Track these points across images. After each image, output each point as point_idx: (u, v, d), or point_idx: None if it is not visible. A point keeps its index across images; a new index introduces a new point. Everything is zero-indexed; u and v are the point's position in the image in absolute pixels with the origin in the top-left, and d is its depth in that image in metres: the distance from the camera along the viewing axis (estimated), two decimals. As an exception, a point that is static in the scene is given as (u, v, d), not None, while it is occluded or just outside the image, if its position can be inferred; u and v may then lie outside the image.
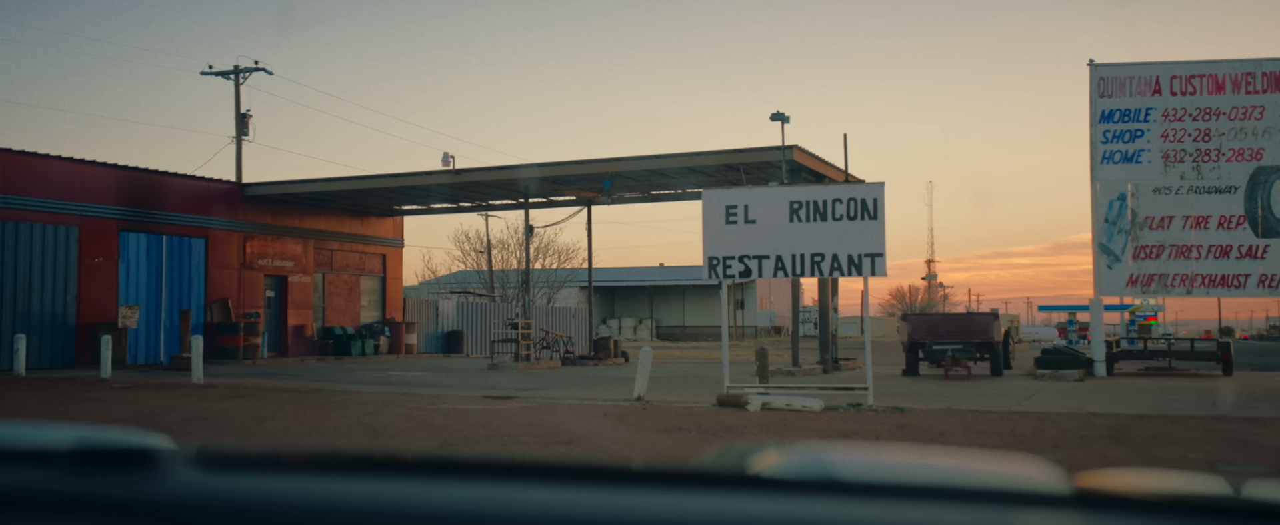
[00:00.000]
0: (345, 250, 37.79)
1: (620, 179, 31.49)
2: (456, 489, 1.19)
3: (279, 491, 1.19)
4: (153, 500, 1.14)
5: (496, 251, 70.77)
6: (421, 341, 40.11)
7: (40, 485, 1.17)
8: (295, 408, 16.79)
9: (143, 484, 1.17)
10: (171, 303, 30.95)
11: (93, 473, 1.18)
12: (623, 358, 34.74)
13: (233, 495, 1.17)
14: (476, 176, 32.02)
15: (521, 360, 30.30)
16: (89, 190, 28.65)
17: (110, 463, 1.20)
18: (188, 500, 1.15)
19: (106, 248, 29.06)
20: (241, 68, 42.55)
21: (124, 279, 29.61)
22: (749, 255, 18.34)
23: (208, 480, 1.19)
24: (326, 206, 36.25)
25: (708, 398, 18.86)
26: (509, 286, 68.90)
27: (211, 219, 32.43)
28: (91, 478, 1.18)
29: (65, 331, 27.76)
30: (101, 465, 1.19)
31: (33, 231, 27.14)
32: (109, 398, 18.43)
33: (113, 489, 1.16)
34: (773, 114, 26.26)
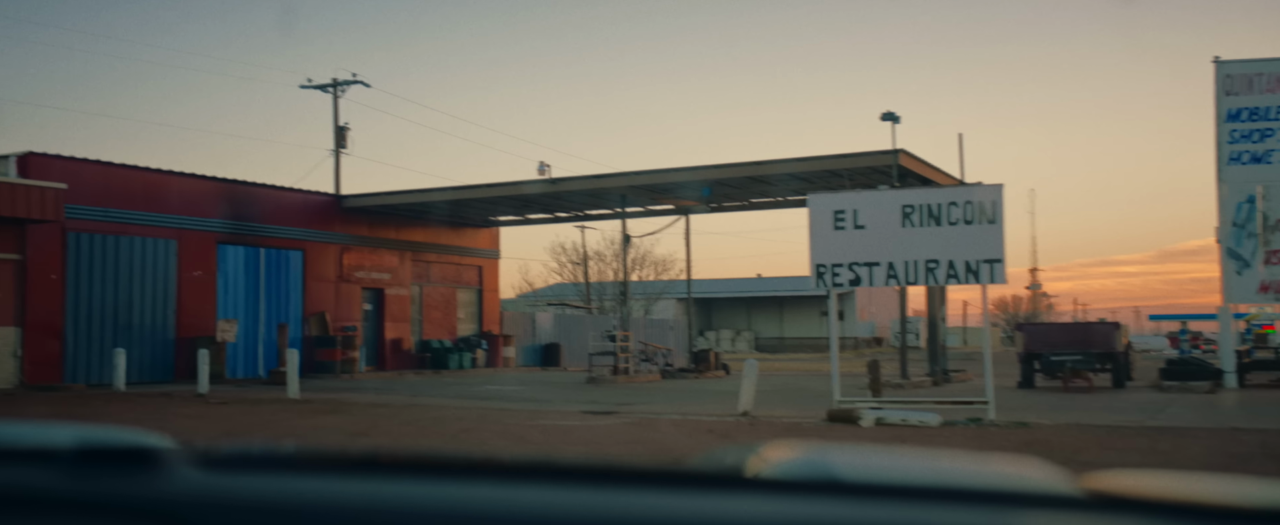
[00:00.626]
0: (442, 262, 37.51)
1: (719, 187, 30.73)
2: (457, 489, 1.17)
3: (280, 491, 1.18)
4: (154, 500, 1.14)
5: (593, 263, 70.39)
6: (518, 354, 39.69)
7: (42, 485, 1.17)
8: (390, 424, 16.29)
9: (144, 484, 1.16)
10: (269, 316, 30.85)
11: (94, 472, 1.18)
12: (723, 370, 33.95)
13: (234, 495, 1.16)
14: (572, 186, 31.47)
15: (620, 373, 29.65)
16: (188, 203, 28.64)
17: (112, 462, 1.19)
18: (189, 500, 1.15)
19: (205, 261, 29.02)
20: (339, 81, 42.62)
21: (222, 292, 29.55)
22: (858, 262, 17.47)
23: (209, 480, 1.19)
24: (423, 218, 36.01)
25: (816, 412, 18.02)
26: (605, 298, 68.42)
27: (309, 231, 32.31)
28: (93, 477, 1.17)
29: (165, 345, 27.72)
30: (103, 465, 1.19)
31: (133, 245, 27.16)
32: (203, 413, 18.12)
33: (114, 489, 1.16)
34: (883, 114, 25.31)
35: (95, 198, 26.13)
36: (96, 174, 26.41)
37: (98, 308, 26.25)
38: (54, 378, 24.86)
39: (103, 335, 26.19)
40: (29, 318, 24.66)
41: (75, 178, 25.30)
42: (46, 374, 24.77)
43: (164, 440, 1.27)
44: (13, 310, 24.44)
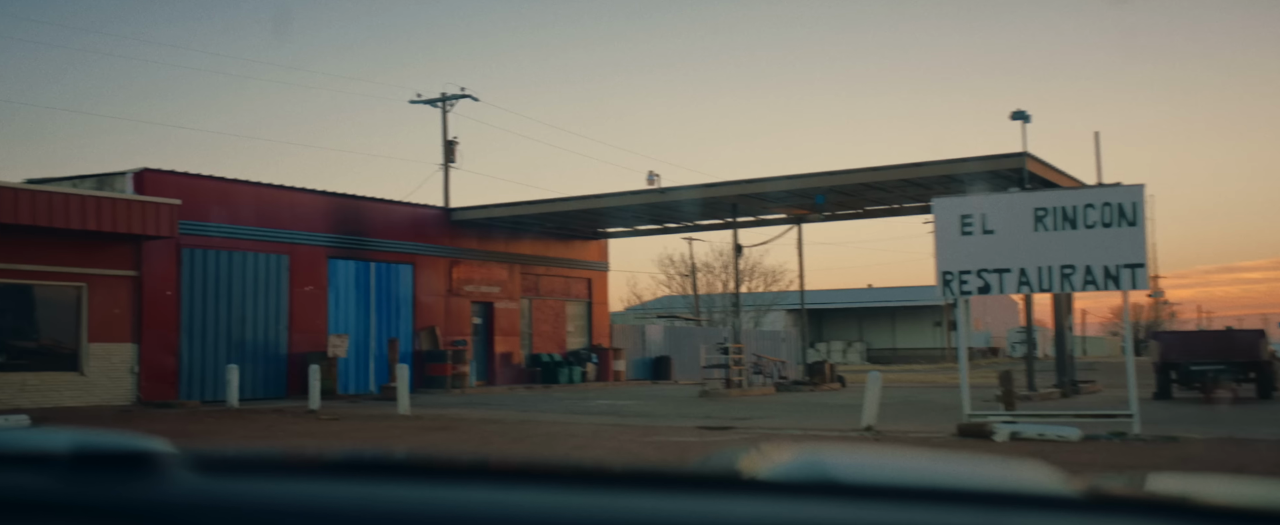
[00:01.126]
0: (551, 275, 37.18)
1: (833, 194, 29.87)
2: (455, 491, 1.18)
3: (277, 494, 1.17)
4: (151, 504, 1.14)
5: (701, 275, 69.75)
6: (629, 367, 39.18)
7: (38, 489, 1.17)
8: (502, 441, 15.85)
9: (141, 487, 1.16)
10: (380, 330, 30.74)
11: (91, 476, 1.18)
12: (839, 383, 33.05)
13: (231, 498, 1.16)
14: (682, 195, 30.88)
15: (733, 386, 28.95)
16: (300, 218, 28.66)
17: (108, 466, 1.19)
18: (186, 504, 1.15)
19: (317, 276, 29.01)
20: (448, 95, 42.63)
21: (334, 307, 29.51)
22: (987, 269, 16.58)
23: (206, 483, 1.18)
24: (531, 230, 35.72)
25: (944, 427, 17.17)
26: (714, 310, 67.71)
27: (419, 245, 32.18)
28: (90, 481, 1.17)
29: (277, 361, 27.72)
30: (100, 469, 1.18)
31: (246, 260, 27.22)
32: (313, 431, 17.87)
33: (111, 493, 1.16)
34: (1013, 113, 24.23)
35: (209, 213, 26.23)
36: (210, 189, 26.52)
37: (211, 324, 26.32)
38: (169, 394, 24.95)
39: (216, 351, 26.25)
40: (145, 334, 24.80)
41: (189, 193, 25.42)
42: (162, 391, 24.87)
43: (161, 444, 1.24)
44: (129, 326, 24.59)
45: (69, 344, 23.81)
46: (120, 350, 24.37)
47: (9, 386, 22.45)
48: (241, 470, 1.27)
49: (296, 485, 1.22)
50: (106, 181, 25.09)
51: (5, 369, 22.65)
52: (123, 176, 25.03)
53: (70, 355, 23.76)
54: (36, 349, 23.58)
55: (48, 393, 22.97)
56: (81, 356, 23.79)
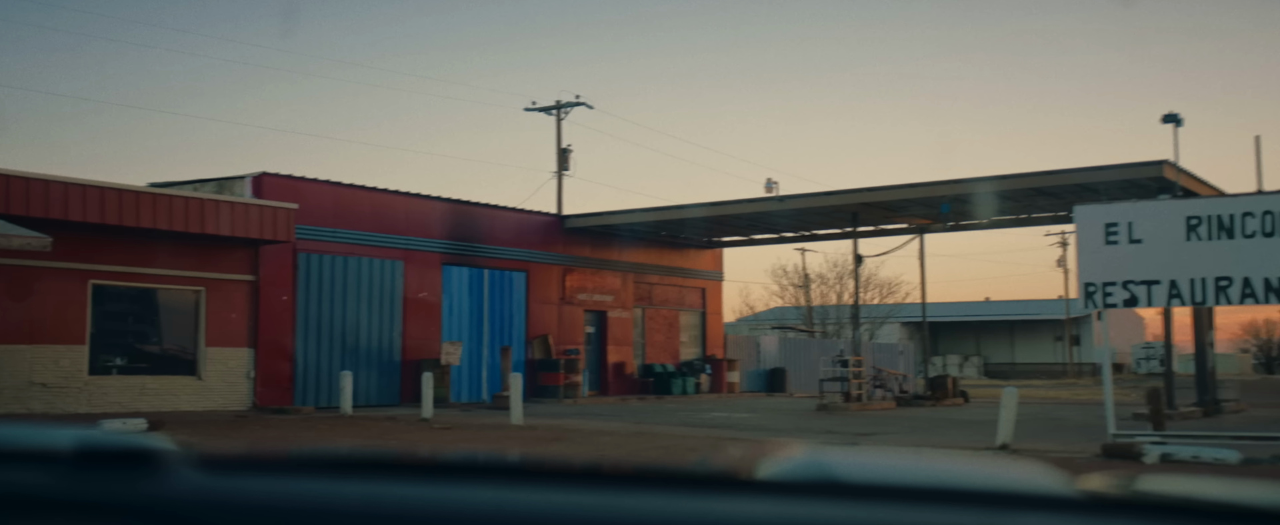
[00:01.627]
0: (664, 284, 36.62)
1: (959, 203, 28.85)
2: (456, 490, 1.18)
3: (279, 492, 1.17)
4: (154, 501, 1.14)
5: (815, 285, 68.70)
6: (742, 379, 38.41)
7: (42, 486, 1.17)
8: (617, 454, 15.28)
9: (144, 485, 1.16)
10: (493, 338, 30.47)
11: (95, 474, 1.18)
12: (962, 397, 31.94)
13: (234, 496, 1.16)
14: (801, 203, 30.08)
15: (853, 400, 28.06)
16: (414, 223, 28.51)
17: (112, 464, 1.19)
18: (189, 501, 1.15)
19: (431, 282, 28.83)
20: (562, 103, 42.45)
21: (447, 314, 29.30)
22: (1134, 281, 15.59)
23: (209, 481, 1.18)
24: (645, 238, 35.21)
25: (1085, 446, 16.20)
26: (828, 322, 66.58)
27: (532, 252, 31.87)
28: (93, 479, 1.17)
29: (391, 368, 27.57)
30: (103, 466, 1.19)
31: (361, 265, 27.12)
32: (425, 440, 17.51)
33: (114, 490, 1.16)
34: (1164, 116, 22.95)
35: (324, 218, 26.18)
36: (325, 194, 26.48)
37: (326, 329, 26.25)
38: (284, 400, 24.90)
39: (330, 357, 26.17)
40: (261, 339, 24.80)
41: (305, 198, 25.40)
42: (277, 396, 24.83)
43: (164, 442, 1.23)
44: (246, 331, 24.61)
45: (187, 348, 23.90)
46: (237, 355, 24.39)
47: (128, 390, 22.57)
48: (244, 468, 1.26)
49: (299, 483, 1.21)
50: (226, 186, 25.18)
51: (125, 372, 22.78)
52: (241, 180, 25.09)
53: (188, 359, 23.84)
54: (156, 353, 23.70)
55: (166, 397, 23.05)
56: (199, 361, 23.85)
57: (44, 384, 21.36)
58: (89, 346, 22.13)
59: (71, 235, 20.70)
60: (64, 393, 21.60)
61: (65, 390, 21.62)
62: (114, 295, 22.94)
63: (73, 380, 21.76)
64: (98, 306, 22.45)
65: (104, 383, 22.25)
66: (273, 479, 1.24)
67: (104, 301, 22.66)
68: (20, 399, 20.97)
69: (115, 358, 22.77)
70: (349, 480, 1.21)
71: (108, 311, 22.82)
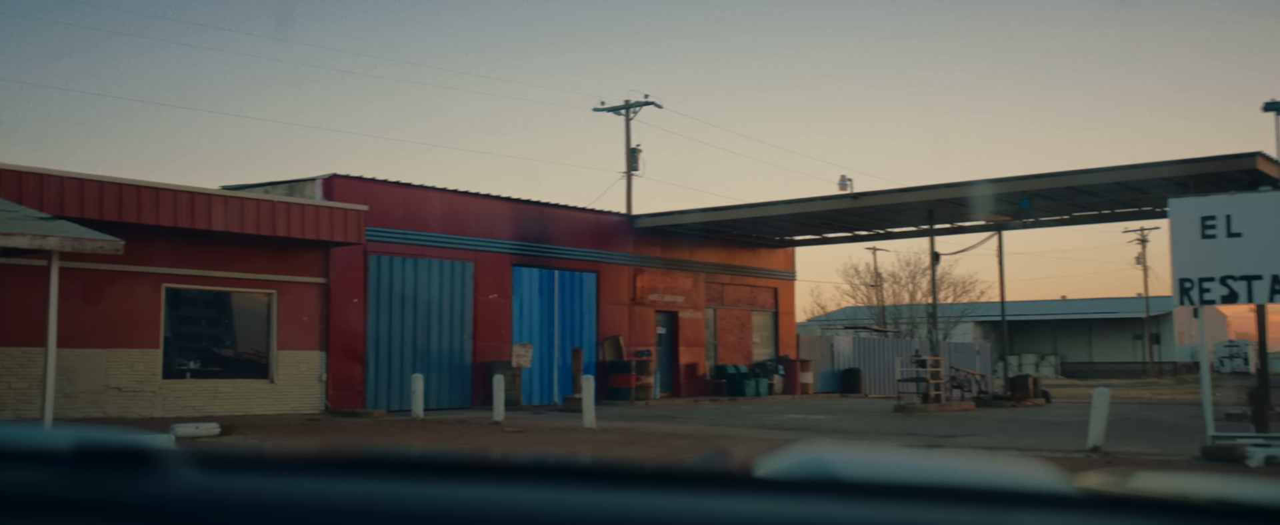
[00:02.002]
0: (736, 284, 36.14)
1: (1039, 199, 28.09)
2: (456, 489, 1.17)
3: (279, 491, 1.17)
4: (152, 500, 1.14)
5: (887, 285, 67.85)
6: (816, 380, 37.82)
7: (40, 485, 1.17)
8: (693, 458, 14.88)
9: (142, 484, 1.16)
10: (563, 340, 30.19)
11: (92, 473, 1.18)
12: (1043, 398, 31.21)
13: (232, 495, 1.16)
14: (876, 201, 29.49)
15: (931, 401, 27.43)
16: (484, 225, 28.31)
17: (110, 463, 1.19)
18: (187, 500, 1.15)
19: (501, 283, 28.61)
20: (631, 103, 42.17)
21: (517, 316, 29.07)
22: (1234, 276, 14.89)
23: (207, 480, 1.18)
24: (716, 238, 34.77)
25: (1180, 448, 15.55)
26: (901, 321, 65.72)
27: (602, 253, 31.56)
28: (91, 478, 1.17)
29: (462, 370, 27.38)
30: (101, 465, 1.19)
31: (431, 267, 26.97)
32: (497, 444, 17.23)
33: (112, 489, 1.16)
34: (1266, 104, 22.07)
35: (394, 220, 26.06)
36: (395, 196, 26.35)
37: (396, 332, 26.12)
38: (356, 403, 24.80)
39: (402, 360, 26.03)
40: (332, 342, 24.71)
41: (375, 200, 25.30)
42: (349, 399, 24.73)
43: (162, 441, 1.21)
44: (318, 334, 24.53)
45: (259, 351, 23.87)
46: (308, 358, 24.32)
47: (202, 393, 22.57)
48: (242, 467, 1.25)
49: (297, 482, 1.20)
50: (296, 188, 25.14)
51: (198, 376, 22.78)
52: (312, 182, 25.03)
53: (261, 363, 23.80)
54: (229, 356, 23.69)
55: (239, 400, 23.03)
56: (271, 364, 23.81)
57: (119, 388, 21.41)
58: (163, 350, 22.16)
59: (145, 239, 20.71)
60: (138, 396, 21.63)
61: (140, 394, 21.65)
62: (187, 299, 22.96)
63: (147, 384, 21.79)
64: (171, 310, 22.48)
65: (178, 386, 22.27)
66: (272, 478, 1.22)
67: (177, 305, 22.69)
68: (96, 403, 21.03)
69: (189, 361, 22.78)
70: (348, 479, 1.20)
71: (181, 315, 22.85)
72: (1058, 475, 1.17)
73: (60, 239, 16.31)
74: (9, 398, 19.93)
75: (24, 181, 19.50)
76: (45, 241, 16.12)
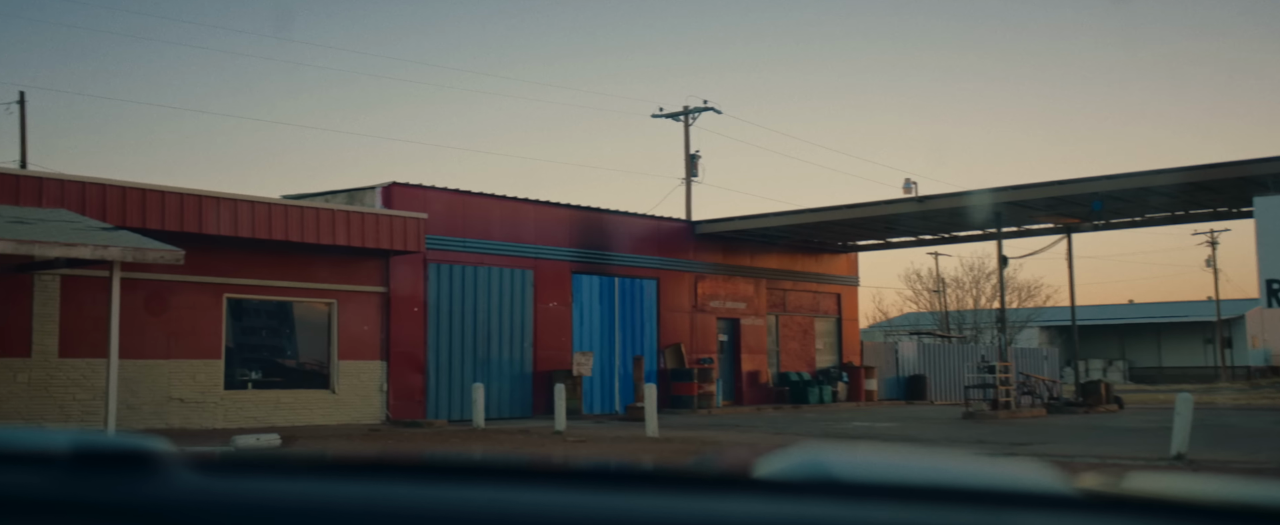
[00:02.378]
0: (798, 290, 35.66)
1: (1110, 200, 27.39)
2: (456, 490, 1.18)
3: (278, 493, 1.18)
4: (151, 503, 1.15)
5: (950, 290, 66.96)
6: (880, 387, 37.22)
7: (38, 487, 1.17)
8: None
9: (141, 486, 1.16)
10: (624, 348, 29.88)
11: (91, 475, 1.18)
12: (1116, 404, 30.45)
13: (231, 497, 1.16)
14: (942, 204, 28.93)
15: (1001, 407, 26.81)
16: (543, 232, 28.09)
17: (108, 465, 1.19)
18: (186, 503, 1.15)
19: (561, 291, 28.37)
20: (691, 108, 41.90)
21: (578, 324, 28.81)
22: (1324, 277, 14.30)
23: (206, 482, 1.18)
24: (777, 244, 34.34)
25: (1271, 455, 14.96)
26: (965, 327, 64.81)
27: (662, 259, 31.22)
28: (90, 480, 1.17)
29: (522, 379, 27.16)
30: (100, 468, 1.18)
31: (490, 275, 26.78)
32: (560, 454, 16.94)
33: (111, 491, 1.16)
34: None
35: (454, 227, 25.91)
36: (455, 203, 26.20)
37: (457, 340, 25.95)
38: (417, 413, 24.65)
39: (461, 369, 25.85)
40: (393, 351, 24.58)
41: (435, 207, 25.16)
42: (409, 409, 24.59)
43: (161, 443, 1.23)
44: (378, 344, 24.41)
45: (320, 361, 23.78)
46: (369, 368, 24.20)
47: (263, 404, 22.50)
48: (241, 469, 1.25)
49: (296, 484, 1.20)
50: (356, 196, 25.06)
51: (260, 386, 22.72)
52: (371, 191, 24.94)
53: (322, 373, 23.71)
54: (290, 367, 23.62)
55: (300, 410, 22.94)
56: (332, 374, 23.71)
57: (181, 399, 21.39)
58: (224, 361, 22.12)
59: (206, 248, 20.70)
60: (201, 407, 21.60)
61: (202, 405, 21.62)
62: (248, 309, 22.93)
63: (209, 395, 21.75)
64: (233, 320, 22.46)
65: (239, 397, 22.22)
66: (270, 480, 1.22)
67: (238, 315, 22.66)
68: (159, 414, 21.01)
69: (250, 372, 22.73)
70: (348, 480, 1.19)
71: (242, 325, 22.82)
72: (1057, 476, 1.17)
73: (121, 249, 16.28)
74: (73, 409, 19.97)
75: (86, 192, 19.53)
76: (107, 252, 16.08)
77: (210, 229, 20.70)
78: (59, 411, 19.83)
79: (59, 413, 19.82)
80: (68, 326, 19.95)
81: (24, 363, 19.62)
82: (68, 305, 19.98)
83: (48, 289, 19.86)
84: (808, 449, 1.22)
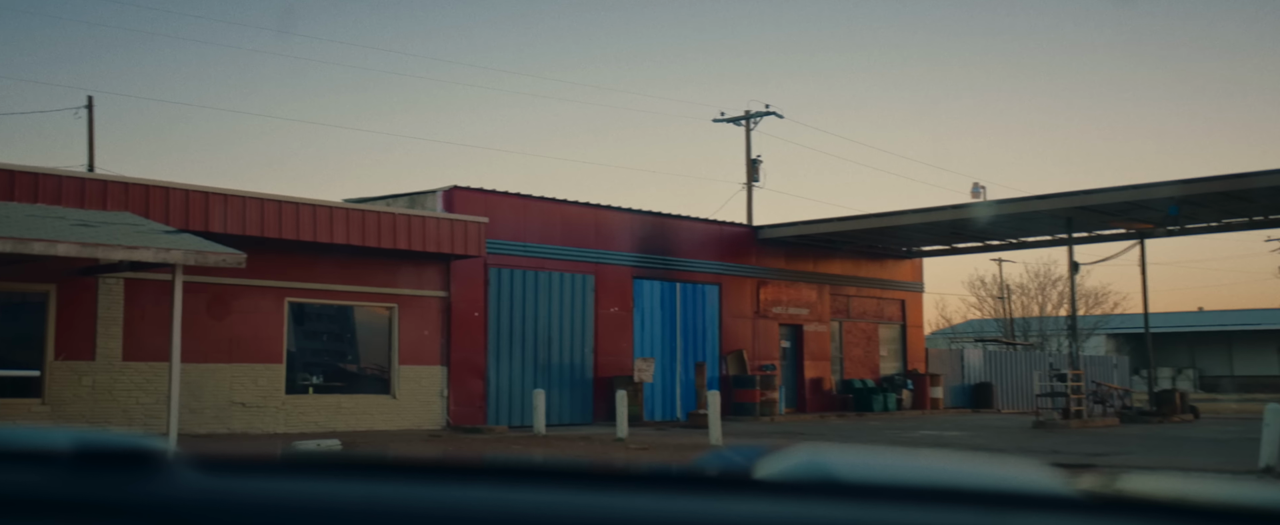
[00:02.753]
0: (862, 296, 35.12)
1: (1186, 205, 26.65)
2: (456, 490, 1.17)
3: (278, 492, 1.17)
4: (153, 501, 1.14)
5: (1015, 297, 65.95)
6: (945, 395, 36.56)
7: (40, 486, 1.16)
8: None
9: (143, 485, 1.16)
10: (686, 354, 29.53)
11: (93, 474, 1.17)
12: (1191, 413, 29.69)
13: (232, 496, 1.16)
14: (1013, 208, 28.28)
15: (1073, 417, 26.16)
16: (604, 237, 27.82)
17: (110, 464, 1.19)
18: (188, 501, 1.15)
19: (622, 297, 28.08)
20: (752, 113, 41.49)
21: (639, 329, 28.50)
22: None
23: (207, 481, 1.17)
24: (841, 249, 33.84)
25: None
26: (1030, 334, 63.79)
27: (724, 265, 30.85)
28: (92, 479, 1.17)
29: (583, 385, 26.89)
30: (101, 467, 1.18)
31: (551, 280, 26.55)
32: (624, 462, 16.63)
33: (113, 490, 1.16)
34: None
35: (514, 232, 25.71)
36: (515, 207, 26.00)
37: (517, 346, 25.74)
38: (477, 419, 24.46)
39: (522, 375, 25.63)
40: (453, 357, 24.41)
41: (495, 211, 24.99)
42: (470, 415, 24.40)
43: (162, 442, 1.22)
44: (438, 349, 24.25)
45: (381, 366, 23.66)
46: (430, 373, 24.05)
47: (324, 409, 22.41)
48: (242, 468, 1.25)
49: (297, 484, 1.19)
50: (417, 200, 24.95)
51: (321, 391, 22.63)
52: (432, 195, 24.81)
53: (382, 378, 23.59)
54: (351, 371, 23.53)
55: (361, 416, 22.83)
56: (392, 379, 23.58)
57: (243, 403, 21.34)
58: (286, 365, 22.05)
59: (267, 252, 20.64)
60: (262, 412, 21.54)
61: (263, 409, 21.56)
62: (310, 313, 22.87)
63: (270, 399, 21.69)
64: (294, 324, 22.40)
65: (300, 402, 22.14)
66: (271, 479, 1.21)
67: (300, 319, 22.60)
68: (221, 418, 20.98)
69: (311, 376, 22.66)
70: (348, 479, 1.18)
71: (304, 329, 22.76)
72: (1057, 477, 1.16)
73: (183, 252, 16.21)
74: (137, 413, 19.97)
75: (150, 195, 19.54)
76: (169, 255, 16.02)
77: (272, 233, 20.65)
78: (123, 415, 19.83)
79: (123, 417, 19.82)
80: (131, 330, 19.97)
81: (88, 366, 19.65)
82: (131, 308, 20.00)
83: (112, 292, 19.89)
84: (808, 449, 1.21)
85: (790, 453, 1.21)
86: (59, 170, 19.67)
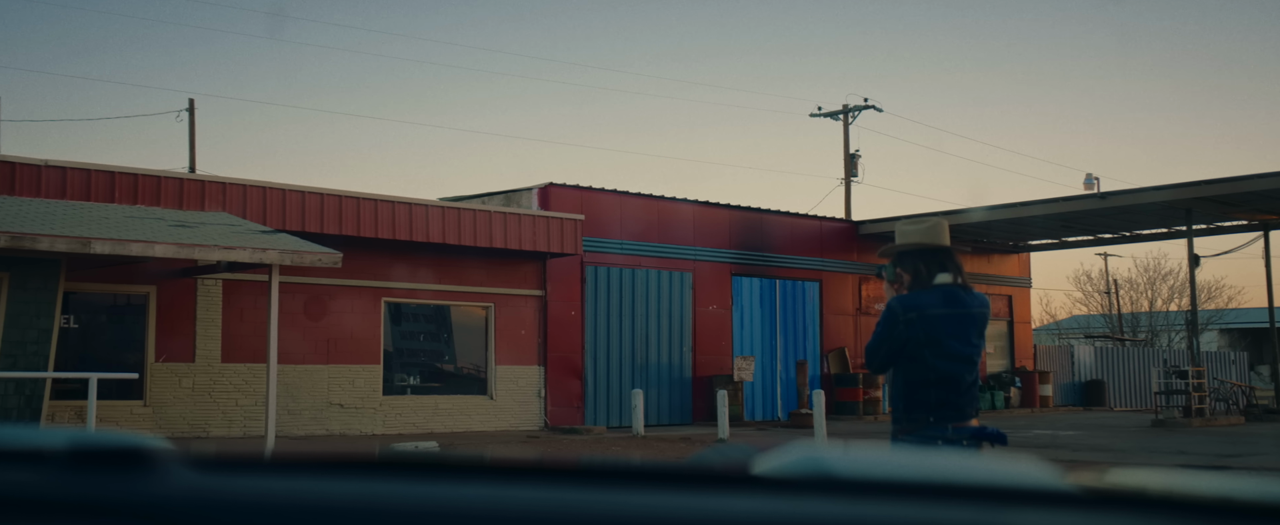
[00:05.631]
0: (967, 292, 34.09)
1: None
2: (456, 489, 1.15)
3: (277, 491, 1.16)
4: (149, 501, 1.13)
5: (1124, 292, 64.08)
6: (1055, 393, 35.40)
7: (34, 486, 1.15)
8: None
9: (138, 484, 1.14)
10: (786, 352, 28.88)
11: (88, 473, 1.16)
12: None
13: (230, 495, 1.15)
14: (1127, 200, 27.18)
15: (1195, 414, 25.04)
16: (701, 233, 27.28)
17: (105, 463, 1.17)
18: (184, 501, 1.13)
19: (720, 294, 27.52)
20: (850, 107, 40.70)
21: (738, 327, 27.91)
22: None
23: (204, 480, 1.16)
24: (945, 244, 32.86)
25: None
26: (1139, 330, 61.94)
27: (825, 261, 30.12)
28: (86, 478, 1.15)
29: (681, 385, 26.38)
30: (96, 466, 1.16)
31: (648, 278, 26.08)
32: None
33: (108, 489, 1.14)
34: None
35: (610, 229, 25.29)
36: (610, 204, 25.58)
37: (614, 345, 25.32)
38: (575, 419, 24.09)
39: (620, 374, 25.21)
40: (550, 356, 24.06)
41: (591, 209, 24.60)
42: (567, 416, 24.04)
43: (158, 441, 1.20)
44: (535, 348, 23.93)
45: (478, 366, 23.40)
46: (527, 373, 23.73)
47: (422, 409, 22.20)
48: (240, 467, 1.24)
49: (296, 482, 1.18)
50: (512, 198, 24.66)
51: (418, 392, 22.43)
52: (528, 192, 24.50)
53: (479, 378, 23.32)
54: (448, 372, 23.31)
55: (458, 417, 22.58)
56: (489, 380, 23.30)
57: (341, 404, 21.19)
58: (383, 365, 21.88)
59: (363, 251, 20.48)
60: (360, 413, 21.38)
61: (361, 410, 21.41)
62: (406, 313, 22.68)
63: (368, 400, 21.53)
64: (391, 324, 22.22)
65: (398, 403, 21.95)
66: (269, 478, 1.20)
67: (397, 319, 22.43)
68: (319, 419, 20.86)
69: (408, 377, 22.47)
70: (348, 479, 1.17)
71: (401, 330, 22.58)
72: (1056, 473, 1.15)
73: (279, 252, 16.04)
74: (236, 415, 19.92)
75: (247, 195, 19.47)
76: (265, 255, 15.86)
77: (367, 232, 20.47)
78: (222, 417, 19.80)
79: (222, 419, 19.79)
80: (229, 331, 19.92)
81: (188, 368, 19.63)
82: (229, 310, 19.96)
83: (210, 294, 19.86)
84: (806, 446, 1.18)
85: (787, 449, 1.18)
86: (157, 171, 19.66)
